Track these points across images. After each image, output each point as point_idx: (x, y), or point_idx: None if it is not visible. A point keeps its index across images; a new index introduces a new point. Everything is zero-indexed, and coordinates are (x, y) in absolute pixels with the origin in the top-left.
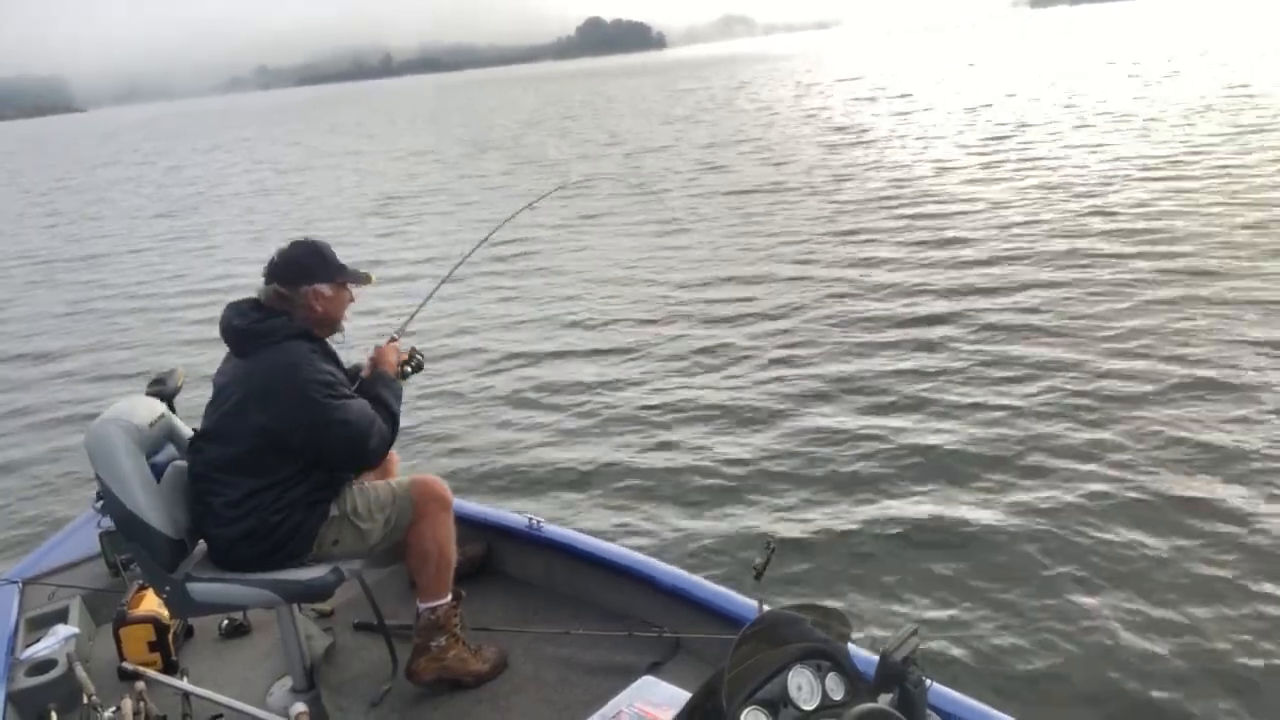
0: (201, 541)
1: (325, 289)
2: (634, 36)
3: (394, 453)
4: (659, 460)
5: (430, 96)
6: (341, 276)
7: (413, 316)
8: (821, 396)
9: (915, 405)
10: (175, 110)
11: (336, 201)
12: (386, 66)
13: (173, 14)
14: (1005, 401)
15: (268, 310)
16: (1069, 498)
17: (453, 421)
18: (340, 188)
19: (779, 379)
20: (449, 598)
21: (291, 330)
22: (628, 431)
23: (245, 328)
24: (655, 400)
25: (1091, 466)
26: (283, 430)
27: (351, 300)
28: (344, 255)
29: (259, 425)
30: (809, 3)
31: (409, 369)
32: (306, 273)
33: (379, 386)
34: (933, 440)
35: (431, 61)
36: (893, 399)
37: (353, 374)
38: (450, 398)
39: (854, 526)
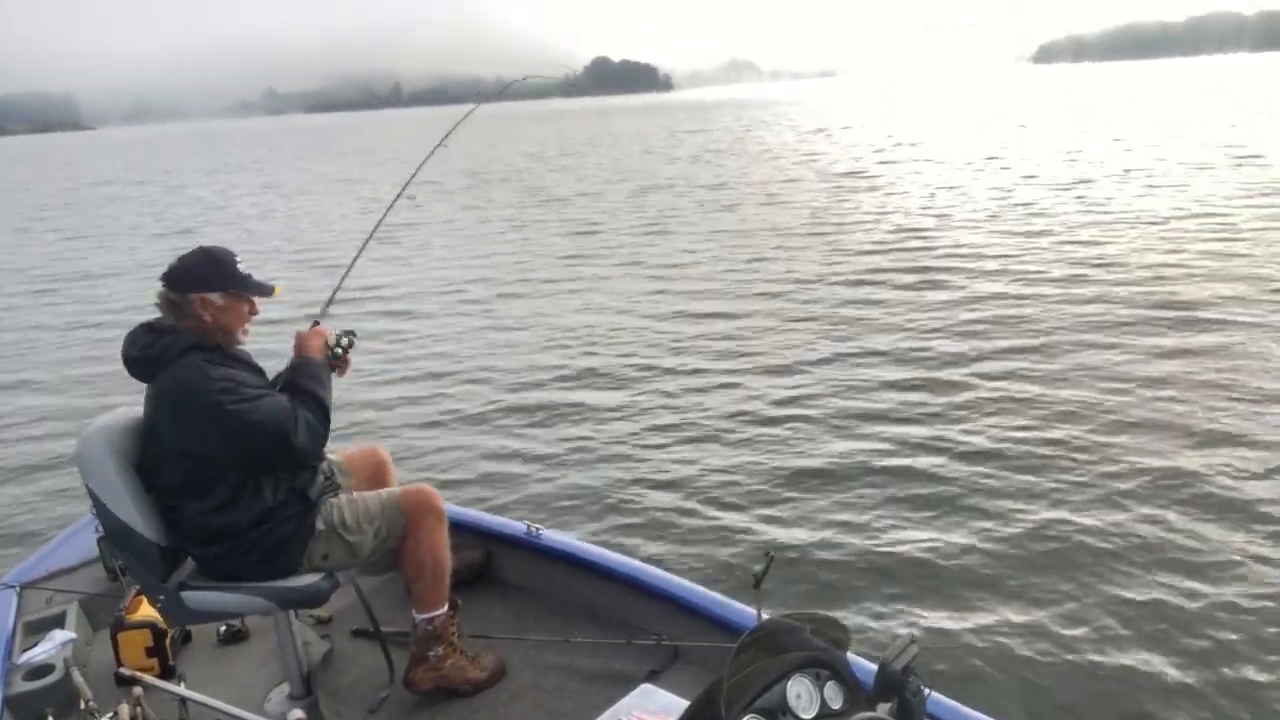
0: None
1: (215, 298)
2: (641, 77)
3: (389, 460)
4: (659, 469)
5: (438, 128)
6: (235, 287)
7: (334, 296)
8: (821, 409)
9: (915, 421)
10: (183, 131)
11: (343, 227)
12: (396, 96)
13: (184, 36)
14: (1005, 421)
15: (157, 331)
16: (1065, 513)
17: (452, 430)
18: (344, 214)
19: (780, 391)
20: (445, 608)
21: (181, 345)
22: (628, 440)
23: (138, 356)
24: (656, 411)
25: (1091, 485)
26: (200, 447)
27: (254, 312)
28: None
29: (178, 449)
30: (814, 52)
31: (339, 349)
32: (198, 280)
33: (298, 376)
34: (933, 452)
35: (440, 93)
36: (892, 415)
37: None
38: (450, 407)
39: (853, 535)
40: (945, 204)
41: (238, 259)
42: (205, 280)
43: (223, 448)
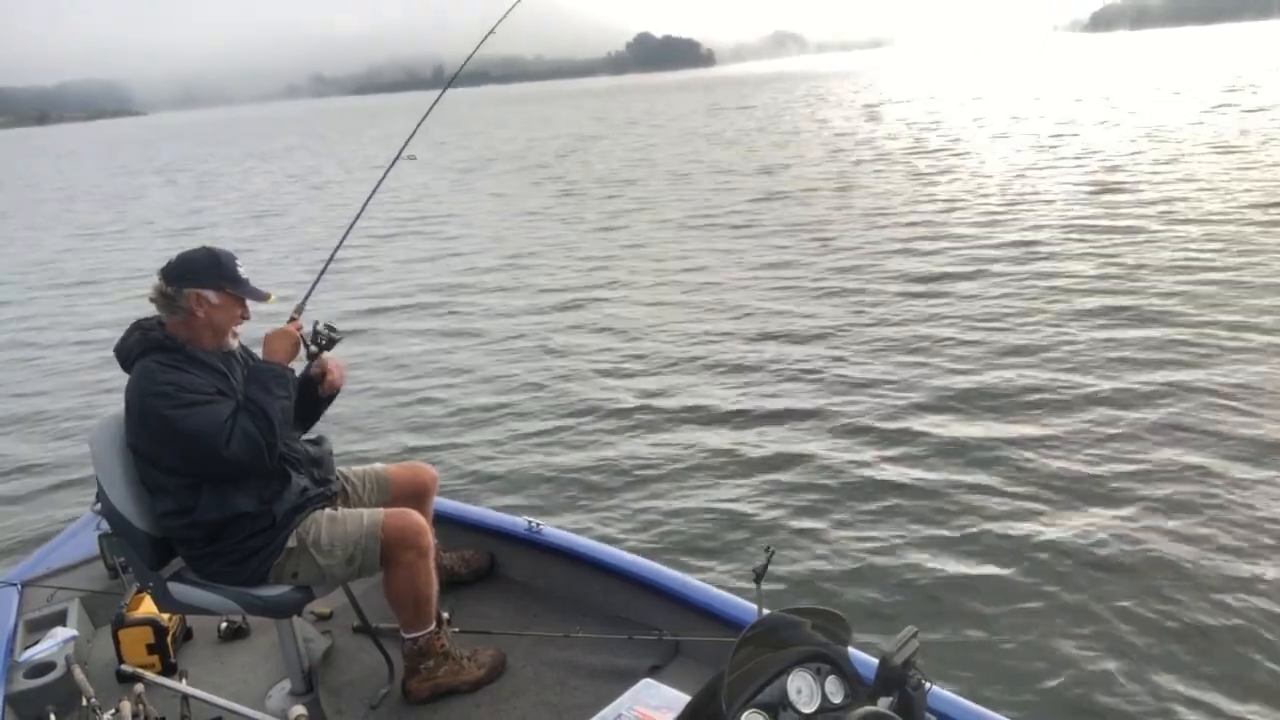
0: None
1: (211, 295)
2: (683, 52)
3: (434, 485)
4: (661, 465)
5: (476, 107)
6: (232, 288)
7: (310, 293)
8: (825, 405)
9: (918, 412)
10: (230, 116)
11: (365, 224)
12: (439, 78)
13: (232, 23)
14: (1008, 421)
15: (140, 330)
16: (1067, 505)
17: (454, 426)
18: (371, 207)
19: (783, 388)
20: (431, 626)
21: (144, 345)
22: (630, 436)
23: (115, 350)
24: (659, 406)
25: (1094, 476)
26: (143, 449)
27: (245, 317)
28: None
29: (132, 447)
30: (862, 22)
31: (314, 348)
32: (194, 276)
33: (248, 381)
34: (934, 448)
35: (483, 74)
36: (895, 407)
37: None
38: (454, 402)
39: (854, 530)
40: (1020, 189)
41: (239, 263)
42: (204, 277)
43: (159, 451)
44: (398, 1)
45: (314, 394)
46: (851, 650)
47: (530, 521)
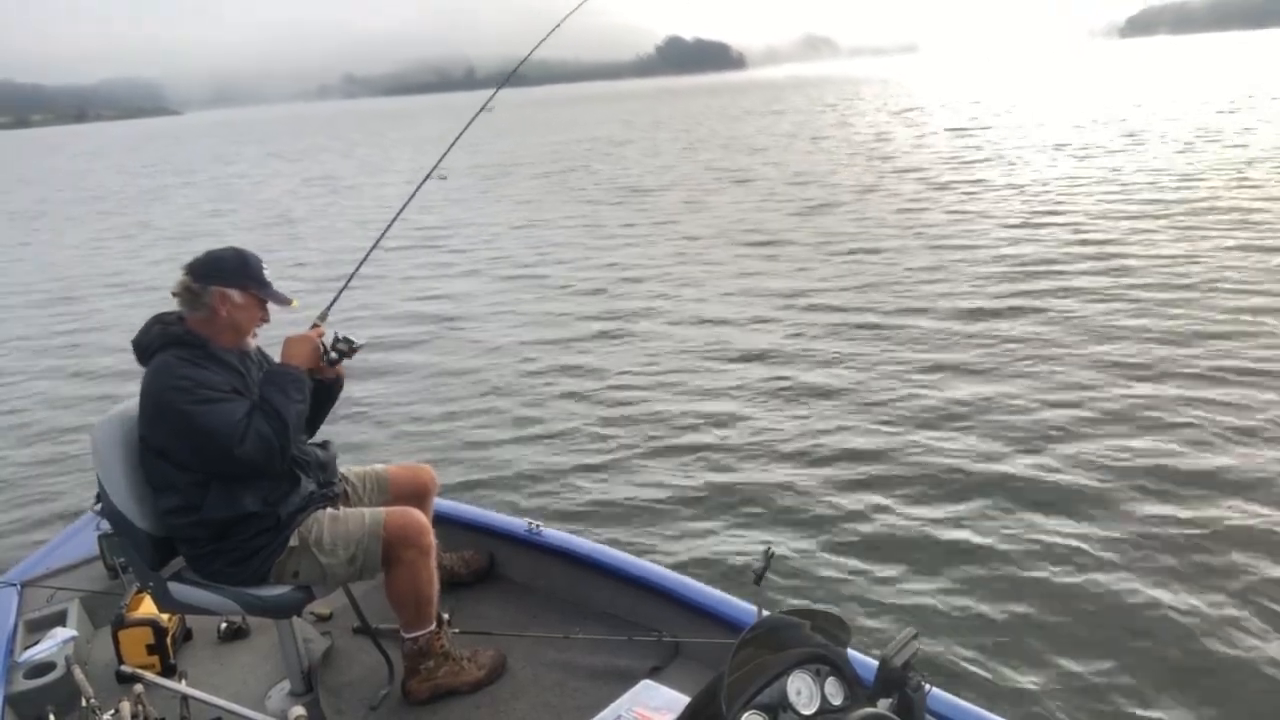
0: None
1: (235, 295)
2: (714, 56)
3: (434, 485)
4: (660, 466)
5: (506, 111)
6: (256, 289)
7: (335, 301)
8: (822, 403)
9: (917, 414)
10: (262, 116)
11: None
12: (469, 79)
13: (265, 22)
14: (1005, 420)
15: (161, 323)
16: (1069, 508)
17: (456, 426)
18: (388, 213)
19: (781, 386)
20: (431, 626)
21: (163, 340)
22: (630, 438)
23: (135, 342)
24: (659, 409)
25: (1099, 481)
26: (155, 443)
27: (265, 319)
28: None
29: (143, 439)
30: (894, 26)
31: (333, 355)
32: (220, 274)
33: (265, 383)
34: (934, 451)
35: (516, 76)
36: (895, 409)
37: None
38: (455, 403)
39: (854, 531)
40: (1071, 205)
41: (265, 267)
42: (230, 276)
43: (173, 446)
44: (424, 2)
45: (323, 394)
46: (851, 652)
47: (530, 522)
